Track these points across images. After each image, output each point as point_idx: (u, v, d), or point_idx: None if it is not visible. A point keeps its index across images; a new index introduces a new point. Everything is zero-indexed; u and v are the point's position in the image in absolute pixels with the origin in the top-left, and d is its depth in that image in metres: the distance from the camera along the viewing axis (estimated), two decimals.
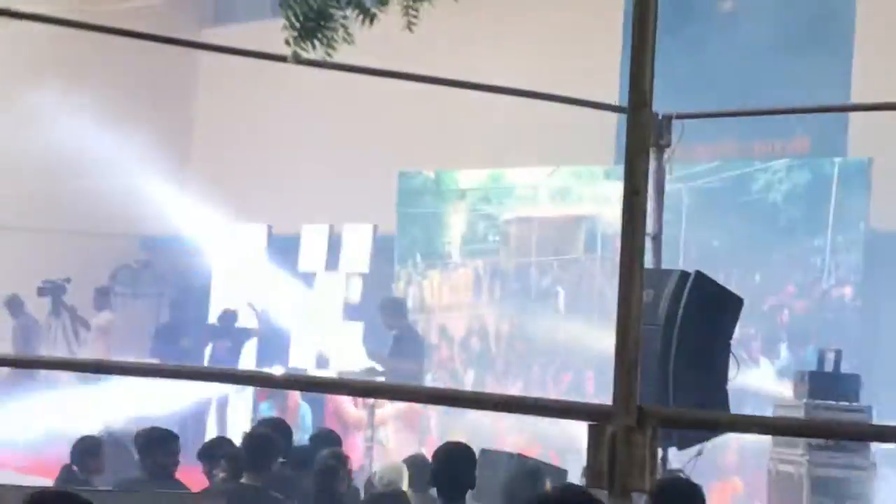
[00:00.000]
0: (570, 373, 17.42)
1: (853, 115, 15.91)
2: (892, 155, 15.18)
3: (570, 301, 17.67)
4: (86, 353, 20.05)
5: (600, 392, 15.87)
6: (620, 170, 4.21)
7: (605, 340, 16.34)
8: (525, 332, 18.06)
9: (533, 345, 17.87)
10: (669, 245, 11.72)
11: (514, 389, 17.48)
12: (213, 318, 20.90)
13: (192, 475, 11.07)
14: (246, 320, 20.49)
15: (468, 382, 18.30)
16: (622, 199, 4.13)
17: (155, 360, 19.01)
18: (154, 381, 18.27)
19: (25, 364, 16.74)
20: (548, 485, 9.51)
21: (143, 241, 23.17)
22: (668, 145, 10.93)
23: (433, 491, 8.82)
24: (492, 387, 17.88)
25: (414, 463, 10.13)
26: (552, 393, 16.61)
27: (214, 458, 10.43)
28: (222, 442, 11.16)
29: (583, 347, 16.80)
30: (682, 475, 9.55)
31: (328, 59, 7.18)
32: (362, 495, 10.19)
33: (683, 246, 15.39)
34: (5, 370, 19.05)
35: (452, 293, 18.89)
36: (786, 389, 13.56)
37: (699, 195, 15.94)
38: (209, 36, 22.35)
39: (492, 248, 18.53)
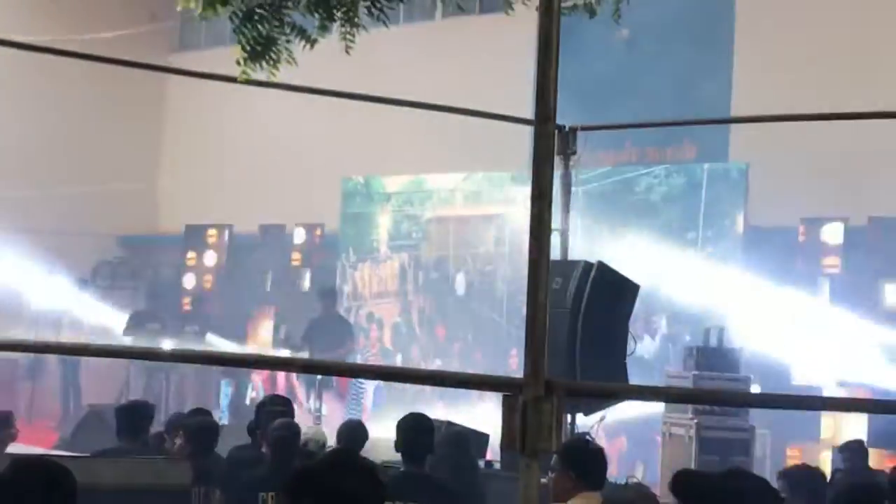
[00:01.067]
0: (482, 351, 17.58)
1: (734, 127, 16.04)
2: (766, 160, 15.32)
3: (482, 289, 17.84)
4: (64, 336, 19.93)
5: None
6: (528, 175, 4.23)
7: (511, 322, 16.60)
8: (443, 317, 18.23)
9: (449, 327, 18.09)
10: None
11: (434, 367, 17.57)
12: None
13: None
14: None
15: (397, 361, 18.35)
16: (530, 200, 4.16)
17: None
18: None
19: (11, 348, 16.61)
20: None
21: (120, 240, 23.03)
22: (574, 153, 11.00)
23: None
24: (416, 364, 17.98)
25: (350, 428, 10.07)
26: (469, 369, 16.65)
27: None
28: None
29: (492, 328, 17.06)
30: (587, 437, 9.58)
31: (272, 78, 7.19)
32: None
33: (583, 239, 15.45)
34: None
35: (380, 283, 19.05)
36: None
37: (594, 196, 16.06)
38: (175, 61, 22.23)
39: (414, 244, 18.71)
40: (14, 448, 15.65)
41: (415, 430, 8.33)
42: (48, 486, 4.33)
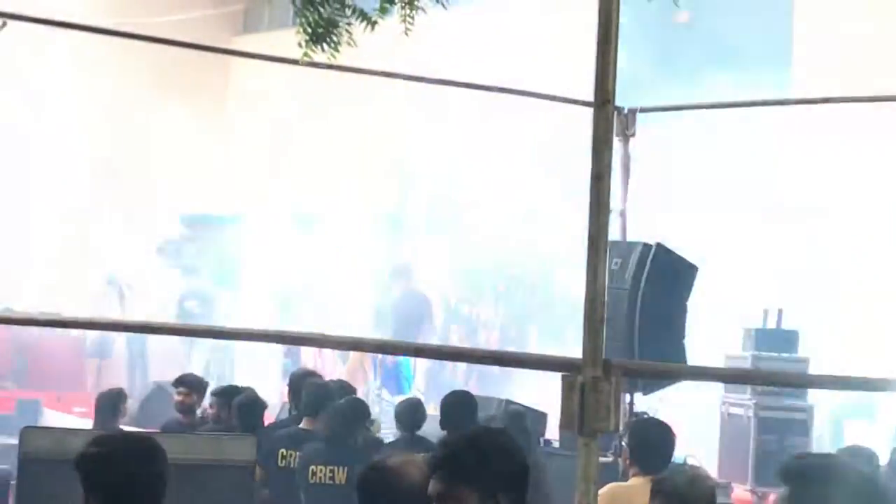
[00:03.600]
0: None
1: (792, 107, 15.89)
2: None
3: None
4: (131, 315, 20.11)
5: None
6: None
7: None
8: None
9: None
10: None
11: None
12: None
13: None
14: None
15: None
16: (589, 182, 4.17)
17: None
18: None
19: (78, 325, 16.74)
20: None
21: (185, 219, 23.20)
22: (633, 135, 10.97)
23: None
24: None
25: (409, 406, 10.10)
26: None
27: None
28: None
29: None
30: (649, 417, 9.58)
31: (333, 60, 7.21)
32: None
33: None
34: None
35: None
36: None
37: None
38: (239, 43, 22.34)
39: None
40: (85, 422, 15.88)
41: (459, 407, 8.36)
42: (145, 459, 4.37)
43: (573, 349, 4.20)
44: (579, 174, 4.46)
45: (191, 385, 10.85)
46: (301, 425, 9.44)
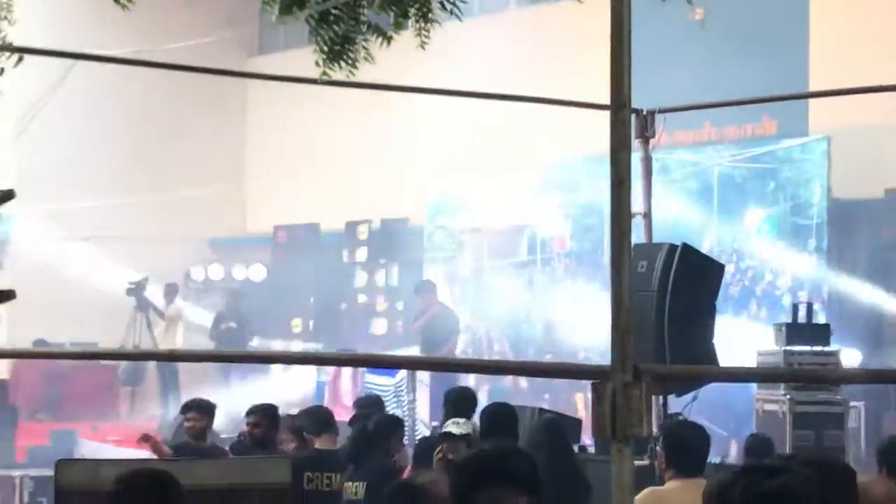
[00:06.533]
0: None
1: (812, 101, 15.85)
2: (847, 133, 15.13)
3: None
4: (160, 341, 20.15)
5: None
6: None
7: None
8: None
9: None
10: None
11: None
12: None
13: None
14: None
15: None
16: (609, 188, 4.15)
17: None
18: None
19: (107, 356, 16.81)
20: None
21: (211, 242, 23.29)
22: (653, 136, 10.95)
23: None
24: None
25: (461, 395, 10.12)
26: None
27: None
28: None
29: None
30: (683, 420, 9.54)
31: (351, 77, 7.21)
32: None
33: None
34: None
35: None
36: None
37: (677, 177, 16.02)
38: (253, 65, 22.42)
39: None
40: (118, 451, 15.92)
41: (499, 417, 8.36)
42: (159, 495, 4.39)
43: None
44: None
45: (200, 409, 10.82)
46: (317, 445, 9.52)
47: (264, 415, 10.13)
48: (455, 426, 9.41)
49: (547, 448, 8.96)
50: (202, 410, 10.78)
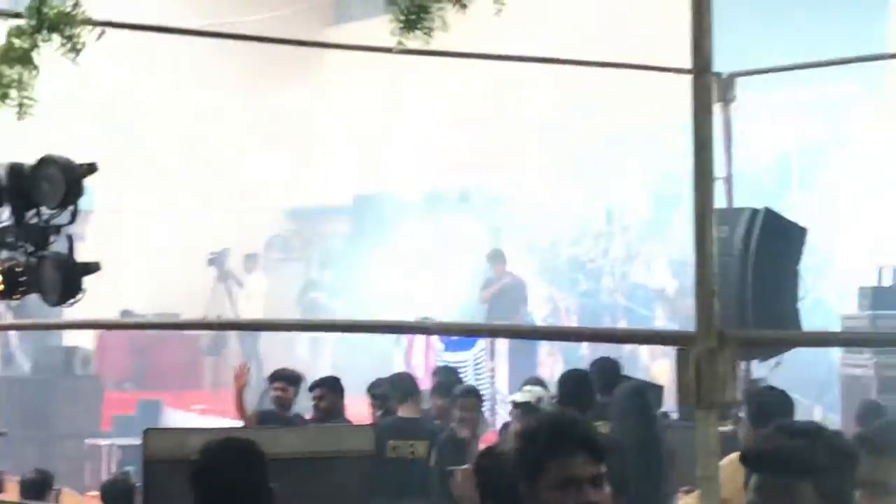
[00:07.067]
0: None
1: (892, 64, 15.63)
2: None
3: None
4: (241, 311, 20.34)
5: None
6: None
7: None
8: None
9: None
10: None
11: None
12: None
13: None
14: None
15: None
16: (692, 152, 4.12)
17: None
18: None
19: (191, 326, 16.95)
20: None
21: (288, 213, 23.43)
22: (733, 100, 10.86)
23: None
24: None
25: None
26: None
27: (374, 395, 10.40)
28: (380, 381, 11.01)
29: None
30: (766, 385, 9.48)
31: (426, 46, 7.21)
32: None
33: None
34: None
35: None
36: None
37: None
38: (330, 35, 22.48)
39: None
40: (202, 420, 16.10)
41: (577, 384, 8.36)
42: (244, 465, 4.41)
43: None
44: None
45: (287, 379, 10.89)
46: (400, 413, 9.54)
47: (328, 387, 10.16)
48: (520, 394, 9.44)
49: (632, 414, 8.97)
50: (289, 381, 10.87)
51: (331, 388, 10.14)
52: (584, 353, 17.21)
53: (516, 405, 9.12)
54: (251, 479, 4.36)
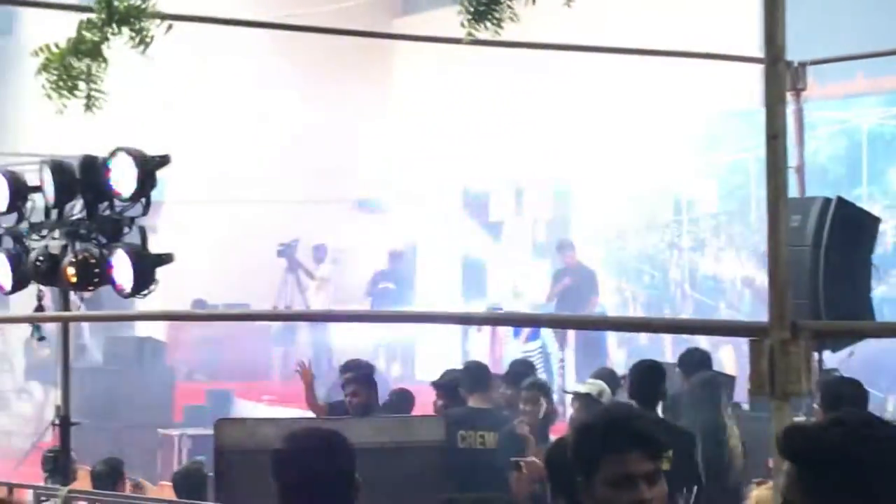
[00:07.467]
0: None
1: None
2: None
3: None
4: (311, 302, 20.43)
5: None
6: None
7: None
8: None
9: None
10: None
11: None
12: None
13: None
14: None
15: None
16: (765, 142, 4.09)
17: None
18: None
19: (263, 317, 17.02)
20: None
21: (359, 203, 23.48)
22: (804, 88, 10.76)
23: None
24: None
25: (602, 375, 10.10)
26: None
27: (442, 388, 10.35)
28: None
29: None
30: (839, 375, 9.41)
31: (497, 37, 7.19)
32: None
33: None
34: None
35: None
36: None
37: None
38: (398, 26, 22.50)
39: None
40: (272, 411, 16.17)
41: (648, 375, 8.32)
42: (329, 455, 4.40)
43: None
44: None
45: (358, 370, 10.86)
46: (470, 403, 9.48)
47: (361, 383, 10.05)
48: (582, 385, 9.41)
49: (705, 404, 8.93)
50: (360, 382, 10.84)
51: (364, 384, 9.98)
52: (647, 345, 17.17)
53: (577, 396, 9.09)
54: (338, 468, 4.35)
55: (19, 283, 8.01)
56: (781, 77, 4.10)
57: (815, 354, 10.00)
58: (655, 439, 3.70)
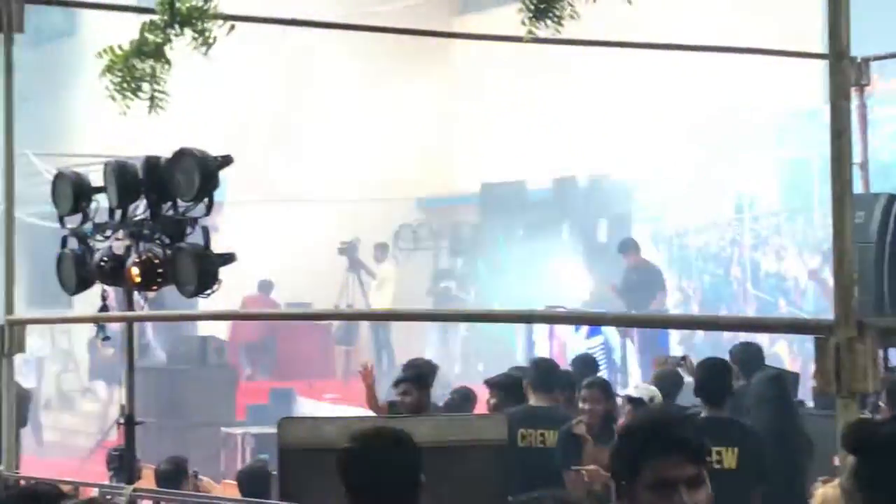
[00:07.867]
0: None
1: None
2: None
3: None
4: (372, 301, 20.46)
5: None
6: None
7: None
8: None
9: None
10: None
11: None
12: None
13: None
14: None
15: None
16: (829, 139, 4.06)
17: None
18: None
19: (325, 317, 17.07)
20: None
21: (418, 202, 23.51)
22: (868, 84, 10.67)
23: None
24: None
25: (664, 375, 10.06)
26: None
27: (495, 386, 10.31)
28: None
29: None
30: None
31: (557, 34, 7.19)
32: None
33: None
34: None
35: None
36: None
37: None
38: (458, 24, 22.51)
39: None
40: (335, 409, 16.22)
41: (716, 372, 8.28)
42: (399, 452, 4.41)
43: None
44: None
45: (419, 369, 10.84)
46: (531, 401, 9.44)
47: (413, 382, 9.99)
48: (634, 390, 9.36)
49: (773, 403, 8.87)
50: (414, 382, 10.80)
51: (416, 383, 9.91)
52: (705, 341, 17.06)
53: (629, 400, 9.05)
54: (405, 468, 4.36)
55: (84, 284, 8.08)
56: (846, 73, 4.07)
57: (880, 352, 9.92)
58: (697, 444, 3.67)
